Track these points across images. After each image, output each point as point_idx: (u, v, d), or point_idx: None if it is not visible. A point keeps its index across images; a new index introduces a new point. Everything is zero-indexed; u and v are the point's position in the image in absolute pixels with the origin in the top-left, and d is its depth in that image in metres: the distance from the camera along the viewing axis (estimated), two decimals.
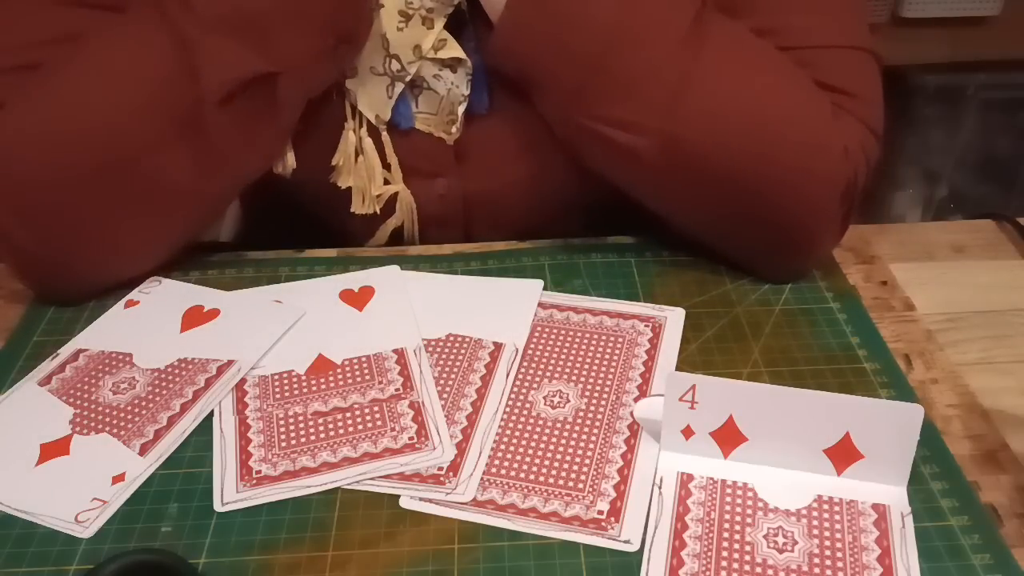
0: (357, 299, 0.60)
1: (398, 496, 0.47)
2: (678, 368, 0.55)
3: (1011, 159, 1.55)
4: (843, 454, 0.47)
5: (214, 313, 0.59)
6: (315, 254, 0.66)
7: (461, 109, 0.58)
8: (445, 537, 0.45)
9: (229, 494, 0.47)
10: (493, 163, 0.62)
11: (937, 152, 1.54)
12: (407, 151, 0.61)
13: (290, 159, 0.60)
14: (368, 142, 0.60)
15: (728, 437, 0.48)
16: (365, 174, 0.61)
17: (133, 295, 0.61)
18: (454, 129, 0.59)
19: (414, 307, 0.59)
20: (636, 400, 0.52)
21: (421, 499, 0.47)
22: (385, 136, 0.60)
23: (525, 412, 0.52)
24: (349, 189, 0.62)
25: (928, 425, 0.50)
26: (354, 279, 0.62)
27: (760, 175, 0.55)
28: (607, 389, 0.53)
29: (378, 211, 0.63)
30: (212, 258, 0.65)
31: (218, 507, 0.47)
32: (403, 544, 0.45)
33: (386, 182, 0.62)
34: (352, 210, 0.63)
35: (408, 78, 0.56)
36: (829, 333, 0.57)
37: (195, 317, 0.59)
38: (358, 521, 0.46)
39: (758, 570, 0.43)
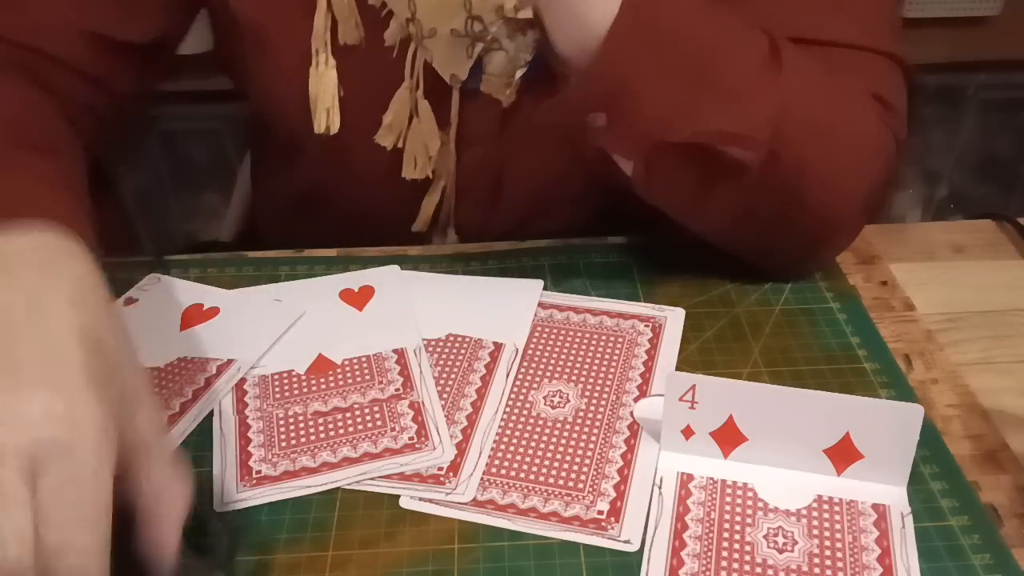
0: (357, 299, 0.60)
1: (398, 496, 0.47)
2: (678, 368, 0.55)
3: (1011, 159, 1.55)
4: (843, 454, 0.47)
5: (214, 312, 0.59)
6: (315, 254, 0.66)
7: (519, 74, 0.58)
8: (445, 537, 0.45)
9: (229, 494, 0.47)
10: (532, 134, 0.62)
11: (937, 152, 1.54)
12: (459, 114, 0.61)
13: (335, 119, 0.59)
14: (425, 104, 0.60)
15: (728, 437, 0.48)
16: (420, 137, 0.61)
17: (132, 293, 0.61)
18: (508, 93, 0.59)
19: (414, 307, 0.59)
20: (636, 400, 0.52)
21: (421, 499, 0.47)
22: (456, 95, 0.60)
23: (525, 412, 0.52)
24: (394, 164, 0.62)
25: (928, 425, 0.50)
26: (354, 279, 0.62)
27: (826, 188, 0.55)
28: (607, 389, 0.53)
29: (430, 175, 0.63)
30: (212, 257, 0.65)
31: (218, 507, 0.47)
32: (403, 544, 0.45)
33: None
34: (403, 175, 0.62)
35: (488, 38, 0.56)
36: (829, 333, 0.57)
37: (195, 315, 0.59)
38: (358, 521, 0.46)
39: (758, 570, 0.43)
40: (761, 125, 0.52)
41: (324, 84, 0.58)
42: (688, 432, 0.48)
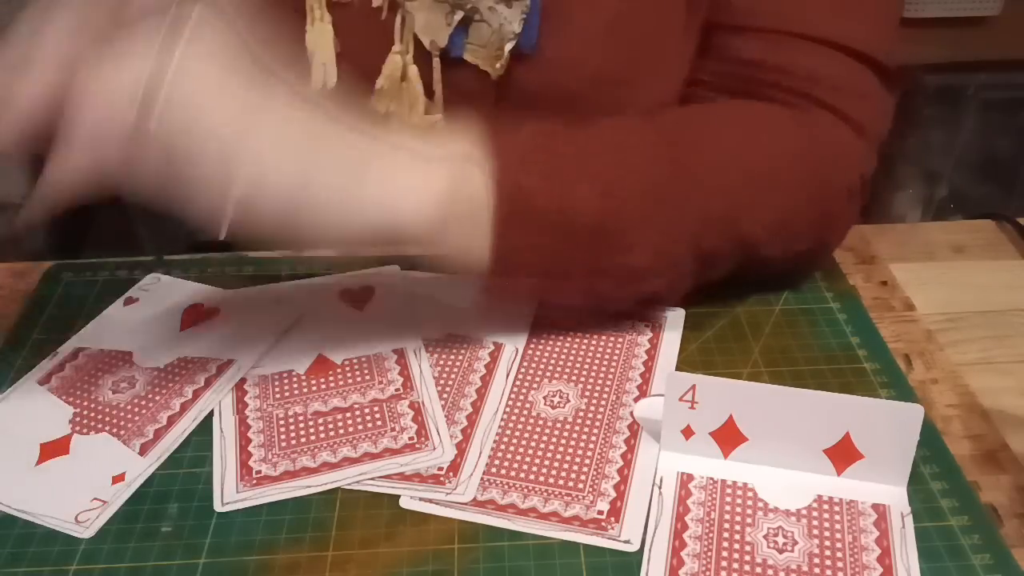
0: (357, 299, 0.60)
1: (398, 496, 0.47)
2: (678, 368, 0.55)
3: (1011, 159, 1.55)
4: (843, 454, 0.47)
5: (214, 311, 0.59)
6: (315, 254, 0.65)
7: (509, 46, 0.57)
8: (445, 537, 0.45)
9: (229, 494, 0.47)
10: (529, 111, 0.61)
11: (937, 152, 1.54)
12: (450, 83, 0.60)
13: (332, 74, 0.59)
14: (413, 69, 0.59)
15: (728, 437, 0.48)
16: (406, 100, 0.60)
17: (132, 292, 0.61)
18: (498, 65, 0.58)
19: (414, 307, 0.59)
20: (636, 400, 0.52)
21: (421, 499, 0.47)
22: (436, 62, 0.59)
23: (525, 412, 0.52)
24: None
25: (928, 425, 0.50)
26: (354, 279, 0.62)
27: (779, 241, 0.56)
28: (607, 389, 0.53)
29: None
30: (212, 257, 0.65)
31: (218, 507, 0.47)
32: (403, 544, 0.45)
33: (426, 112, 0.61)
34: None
35: (468, 6, 0.56)
36: (829, 333, 0.57)
37: (194, 315, 0.59)
38: (358, 521, 0.46)
39: (758, 570, 0.43)
40: (678, 252, 0.53)
41: (320, 38, 0.58)
42: (688, 432, 0.48)
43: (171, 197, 0.43)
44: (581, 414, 0.52)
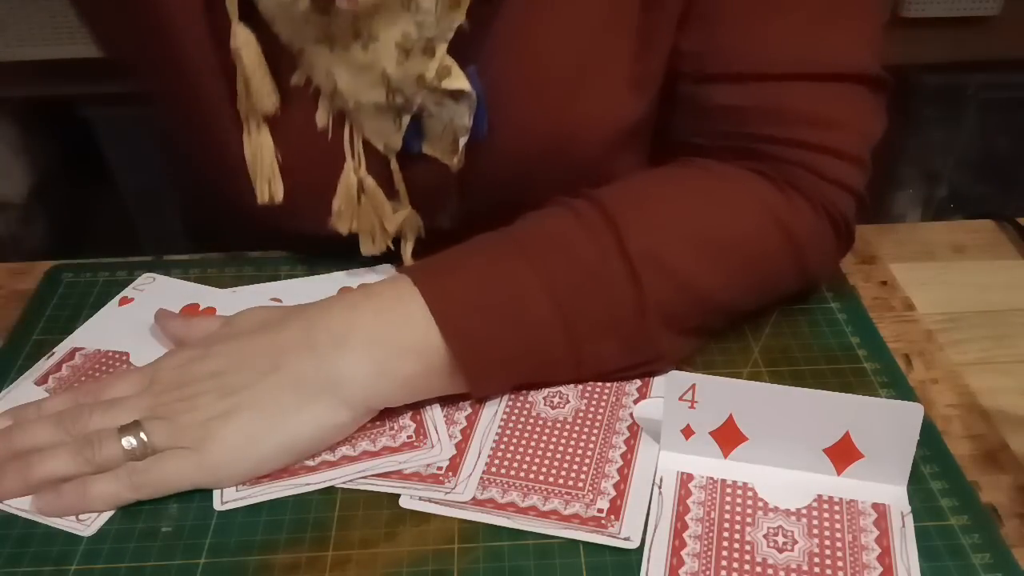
0: None
1: (398, 496, 0.47)
2: (678, 368, 0.54)
3: (1011, 159, 1.55)
4: (843, 454, 0.47)
5: (210, 312, 0.59)
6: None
7: (463, 141, 0.55)
8: (445, 537, 0.45)
9: (228, 492, 0.47)
10: (494, 185, 0.59)
11: (937, 152, 1.54)
12: (410, 178, 0.58)
13: (278, 189, 0.56)
14: (370, 182, 0.57)
15: (728, 437, 0.48)
16: (373, 214, 0.58)
17: (127, 292, 0.61)
18: (456, 160, 0.56)
19: None
20: (636, 401, 0.52)
21: (421, 498, 0.47)
22: (394, 164, 0.57)
23: (525, 412, 0.52)
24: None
25: (928, 425, 0.50)
26: (353, 277, 0.62)
27: (775, 292, 0.58)
28: (607, 389, 0.53)
29: (390, 246, 0.60)
30: (212, 257, 0.65)
31: (218, 506, 0.47)
32: (403, 544, 0.45)
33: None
34: (363, 252, 0.60)
35: (414, 109, 0.54)
36: (829, 333, 0.57)
37: (191, 316, 0.59)
38: (358, 521, 0.46)
39: (758, 570, 0.43)
40: (650, 349, 0.53)
41: (259, 152, 0.55)
42: (688, 432, 0.48)
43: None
44: (581, 414, 0.52)
